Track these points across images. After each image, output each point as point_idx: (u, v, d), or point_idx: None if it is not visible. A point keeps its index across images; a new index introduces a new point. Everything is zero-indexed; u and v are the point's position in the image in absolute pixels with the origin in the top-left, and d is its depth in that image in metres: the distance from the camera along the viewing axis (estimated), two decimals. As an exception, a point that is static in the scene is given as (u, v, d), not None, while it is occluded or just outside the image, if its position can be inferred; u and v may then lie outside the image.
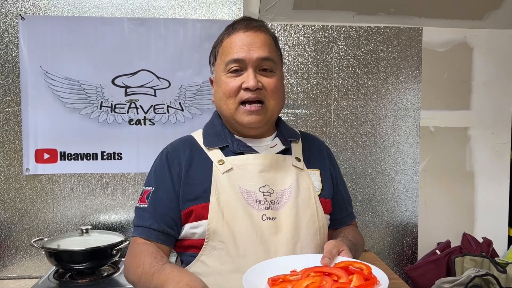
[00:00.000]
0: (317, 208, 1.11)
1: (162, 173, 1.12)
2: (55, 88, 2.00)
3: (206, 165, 1.11)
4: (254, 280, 0.91)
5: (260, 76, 1.08)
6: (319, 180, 1.16)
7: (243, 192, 1.07)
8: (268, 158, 1.11)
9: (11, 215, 2.02)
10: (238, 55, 1.07)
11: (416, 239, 2.22)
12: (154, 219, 1.08)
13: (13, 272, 2.02)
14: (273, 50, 1.12)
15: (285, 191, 1.10)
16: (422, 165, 2.24)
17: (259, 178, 1.08)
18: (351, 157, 2.19)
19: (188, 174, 1.10)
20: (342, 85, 2.18)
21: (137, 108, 2.05)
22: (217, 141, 1.15)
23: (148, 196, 1.11)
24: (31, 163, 2.00)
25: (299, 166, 1.14)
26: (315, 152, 1.22)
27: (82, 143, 2.03)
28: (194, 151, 1.15)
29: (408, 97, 2.20)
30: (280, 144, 1.16)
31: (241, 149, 1.12)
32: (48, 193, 2.03)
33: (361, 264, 0.93)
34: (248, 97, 1.07)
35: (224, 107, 1.11)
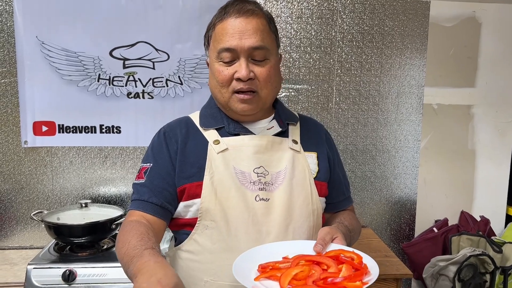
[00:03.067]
0: (312, 191, 1.11)
1: (160, 150, 1.12)
2: (52, 60, 1.97)
3: (201, 144, 1.10)
4: (244, 267, 0.91)
5: (252, 65, 1.06)
6: (316, 163, 1.15)
7: (238, 172, 1.07)
8: (264, 140, 1.10)
9: (11, 186, 2.02)
10: (230, 43, 1.03)
11: (414, 216, 2.24)
12: (152, 193, 1.08)
13: (14, 242, 2.05)
14: (267, 36, 1.08)
15: (280, 173, 1.09)
16: (424, 142, 2.22)
17: (254, 159, 1.08)
18: (352, 134, 2.17)
19: (184, 152, 1.10)
20: (345, 60, 2.13)
21: (135, 81, 2.01)
22: (213, 122, 1.14)
23: (146, 172, 1.11)
24: (29, 135, 1.99)
25: (295, 148, 1.13)
26: (313, 135, 1.20)
27: (80, 116, 2.01)
28: (190, 131, 1.14)
29: (412, 73, 2.15)
30: (277, 126, 1.15)
31: (237, 131, 1.11)
32: (47, 165, 2.03)
33: (352, 253, 0.93)
34: (240, 88, 1.05)
35: (218, 95, 1.10)
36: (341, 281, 0.82)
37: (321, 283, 0.83)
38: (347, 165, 2.18)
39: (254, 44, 1.04)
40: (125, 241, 0.97)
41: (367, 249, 1.90)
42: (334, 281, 0.83)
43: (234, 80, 1.05)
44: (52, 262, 1.67)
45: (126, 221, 1.06)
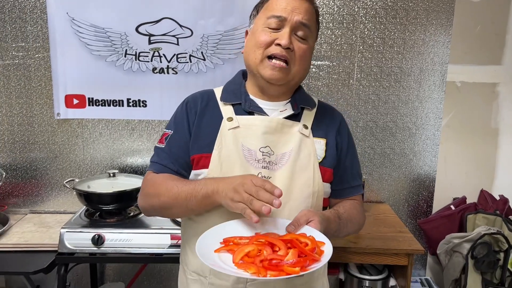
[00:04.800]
0: (315, 174, 1.15)
1: (181, 119, 1.20)
2: (82, 35, 2.05)
3: (216, 119, 1.17)
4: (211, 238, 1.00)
5: (293, 39, 1.11)
6: (323, 149, 1.19)
7: (245, 149, 1.13)
8: (274, 122, 1.16)
9: (46, 155, 2.16)
10: (281, 12, 1.10)
11: (432, 193, 2.25)
12: (170, 159, 1.17)
13: (49, 207, 2.21)
14: (313, 21, 1.16)
15: (285, 154, 1.15)
16: (445, 120, 2.21)
17: (262, 139, 1.14)
18: (373, 111, 2.18)
19: (200, 124, 1.18)
20: (367, 36, 2.12)
21: (160, 57, 2.08)
22: (233, 98, 1.20)
23: (167, 138, 1.20)
24: (61, 108, 2.11)
25: (304, 133, 1.18)
26: (327, 123, 1.24)
27: (108, 89, 2.11)
28: (210, 104, 1.21)
29: (436, 50, 2.12)
30: (290, 109, 1.19)
31: (251, 108, 1.17)
32: (78, 136, 2.15)
33: (308, 239, 0.97)
34: (277, 53, 1.10)
35: (251, 56, 1.14)
36: (283, 264, 0.89)
37: (266, 263, 0.90)
38: (367, 142, 2.20)
39: (302, 19, 1.11)
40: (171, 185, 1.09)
41: (383, 224, 1.95)
42: (278, 263, 0.89)
43: (274, 45, 1.11)
44: (82, 227, 1.80)
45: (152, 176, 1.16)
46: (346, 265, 1.92)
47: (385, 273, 1.88)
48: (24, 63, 2.07)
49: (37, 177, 2.18)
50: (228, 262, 0.93)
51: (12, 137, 2.13)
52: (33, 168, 2.17)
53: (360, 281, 1.85)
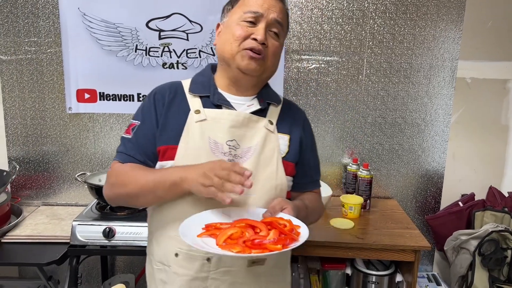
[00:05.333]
0: (278, 168, 1.20)
1: (149, 110, 1.22)
2: (93, 30, 2.07)
3: (183, 111, 1.20)
4: (191, 225, 1.03)
5: (268, 35, 1.16)
6: (287, 145, 1.24)
7: (211, 142, 1.16)
8: (241, 116, 1.19)
9: (58, 149, 2.20)
10: (258, 8, 1.15)
11: (440, 189, 2.25)
12: (136, 150, 1.19)
13: (61, 199, 2.25)
14: (285, 21, 1.21)
15: (250, 148, 1.18)
16: (455, 117, 2.20)
17: (229, 133, 1.17)
18: (381, 107, 2.18)
19: (167, 116, 1.20)
20: (377, 32, 2.11)
21: (170, 52, 2.10)
22: (201, 90, 1.23)
23: (134, 129, 1.22)
24: (73, 102, 2.14)
25: (269, 128, 1.22)
26: (291, 120, 1.28)
27: (119, 84, 2.13)
28: (177, 96, 1.23)
29: (446, 46, 2.11)
30: (257, 104, 1.23)
31: (219, 102, 1.20)
32: (89, 130, 2.19)
33: (287, 221, 1.03)
34: (253, 46, 1.14)
35: (227, 48, 1.17)
36: (265, 243, 0.95)
37: (249, 243, 0.96)
38: (375, 138, 2.20)
39: (277, 17, 1.16)
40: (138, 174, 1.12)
41: (390, 220, 1.96)
42: (260, 242, 0.96)
43: (249, 39, 1.14)
44: (94, 220, 1.84)
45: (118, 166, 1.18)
46: (353, 260, 1.93)
47: (392, 268, 1.89)
48: (36, 58, 2.11)
49: (49, 170, 2.22)
50: (212, 245, 0.98)
51: (25, 130, 2.17)
52: (45, 161, 2.21)
53: (367, 276, 1.86)
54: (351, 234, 1.79)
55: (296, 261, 1.94)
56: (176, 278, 1.16)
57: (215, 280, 1.15)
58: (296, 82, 2.16)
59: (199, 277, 1.14)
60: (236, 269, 1.15)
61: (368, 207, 2.07)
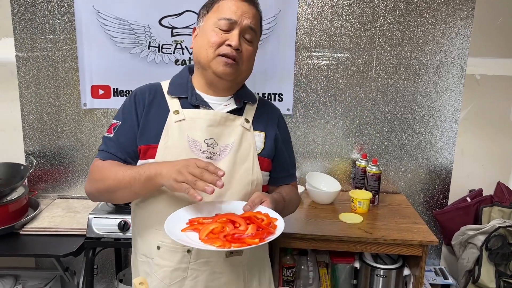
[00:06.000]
0: (254, 164, 1.26)
1: (129, 110, 1.27)
2: (107, 28, 2.12)
3: (163, 111, 1.25)
4: (176, 220, 1.08)
5: (242, 41, 1.22)
6: (262, 142, 1.30)
7: (190, 141, 1.22)
8: (218, 115, 1.24)
9: (73, 143, 2.26)
10: (232, 16, 1.19)
11: (448, 185, 2.28)
12: (117, 148, 1.24)
13: (76, 193, 2.31)
14: (258, 25, 1.26)
15: (228, 145, 1.24)
16: (463, 113, 2.22)
17: (207, 131, 1.23)
18: (391, 103, 2.20)
19: (147, 116, 1.25)
20: (387, 29, 2.13)
21: (182, 49, 2.14)
22: (179, 91, 1.28)
23: (115, 128, 1.26)
24: (87, 98, 2.19)
25: (246, 126, 1.28)
26: (266, 117, 1.34)
27: (132, 81, 2.18)
28: (157, 97, 1.28)
29: (456, 43, 2.13)
30: (233, 104, 1.28)
31: (197, 102, 1.25)
32: (104, 125, 2.24)
33: (265, 215, 1.10)
34: (227, 53, 1.19)
35: (203, 54, 1.22)
36: (244, 237, 1.01)
37: (229, 237, 1.02)
38: (384, 133, 2.23)
39: (250, 23, 1.21)
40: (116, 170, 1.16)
41: (398, 215, 1.99)
42: (240, 237, 1.02)
43: (224, 45, 1.19)
44: (109, 213, 1.89)
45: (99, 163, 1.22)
46: (361, 254, 1.97)
47: (400, 262, 1.92)
48: (52, 55, 2.15)
49: (64, 164, 2.28)
50: (195, 239, 1.04)
51: (41, 126, 2.23)
52: (61, 156, 2.27)
53: (375, 269, 1.90)
54: (359, 229, 1.83)
55: (305, 254, 1.99)
56: (158, 270, 1.22)
57: (195, 270, 1.21)
58: (306, 78, 2.19)
59: (180, 268, 1.21)
60: (215, 260, 1.21)
61: (376, 202, 2.11)
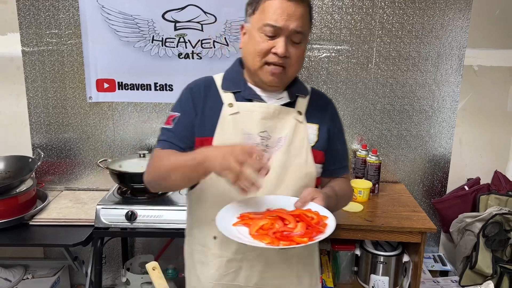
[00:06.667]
0: (307, 157, 1.27)
1: (187, 103, 1.28)
2: (111, 22, 2.15)
3: (218, 105, 1.26)
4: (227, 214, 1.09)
5: (289, 45, 1.18)
6: (316, 134, 1.30)
7: (245, 133, 1.23)
8: (271, 108, 1.25)
9: (79, 136, 2.30)
10: (277, 23, 1.15)
11: (447, 174, 2.33)
12: (178, 139, 1.25)
13: (83, 184, 2.36)
14: (307, 23, 1.21)
15: (281, 138, 1.25)
16: (462, 104, 2.26)
17: (260, 124, 1.24)
18: (390, 94, 2.24)
19: (204, 109, 1.27)
20: (386, 21, 2.17)
21: (185, 43, 2.17)
22: (232, 86, 1.29)
23: (174, 120, 1.28)
24: (93, 91, 2.23)
25: (299, 119, 1.28)
26: (319, 109, 1.34)
27: (137, 74, 2.22)
28: (211, 91, 1.29)
29: (454, 34, 2.16)
30: (286, 97, 1.29)
31: (250, 96, 1.27)
32: (109, 118, 2.28)
33: (314, 213, 1.09)
34: (274, 61, 1.18)
35: (250, 62, 1.23)
36: (293, 235, 1.01)
37: (279, 235, 1.02)
38: (384, 124, 2.28)
39: (297, 28, 1.16)
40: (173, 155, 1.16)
41: (398, 203, 2.05)
42: (288, 235, 1.02)
43: (271, 53, 1.18)
44: (116, 204, 1.94)
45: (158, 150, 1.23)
46: (362, 241, 2.03)
47: (399, 249, 1.98)
48: (57, 49, 2.19)
49: (71, 156, 2.33)
50: (245, 233, 1.05)
51: (47, 119, 2.27)
52: (67, 148, 2.32)
53: (375, 256, 1.96)
54: (360, 217, 1.88)
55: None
56: (214, 259, 1.24)
57: (250, 261, 1.23)
58: (307, 70, 2.23)
59: (235, 259, 1.23)
60: (270, 252, 1.22)
61: (376, 191, 2.16)
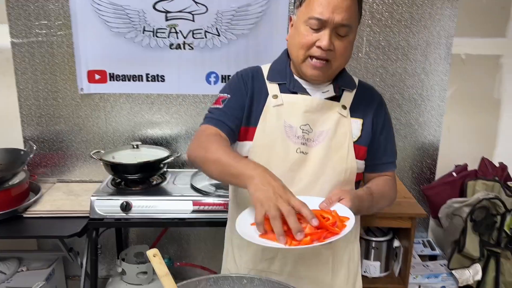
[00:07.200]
0: (349, 152, 1.25)
1: (238, 86, 1.29)
2: (101, 13, 2.14)
3: (263, 95, 1.27)
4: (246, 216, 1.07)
5: (334, 38, 1.15)
6: (359, 129, 1.27)
7: (286, 126, 1.24)
8: (315, 101, 1.24)
9: (71, 128, 2.30)
10: (322, 15, 1.12)
11: (435, 161, 2.38)
12: (227, 118, 1.25)
13: (76, 176, 2.36)
14: (354, 15, 1.16)
15: (323, 132, 1.24)
16: (450, 92, 2.30)
17: (303, 117, 1.24)
18: (380, 83, 2.27)
19: (251, 98, 1.28)
20: (376, 10, 2.19)
21: (177, 33, 2.17)
22: (278, 77, 1.29)
23: (224, 101, 1.27)
24: (84, 83, 2.22)
25: (342, 113, 1.26)
26: (365, 103, 1.31)
27: (128, 65, 2.21)
28: (258, 80, 1.30)
29: (442, 23, 2.20)
30: (332, 91, 1.26)
31: (295, 89, 1.26)
32: (101, 110, 2.28)
33: (330, 214, 1.05)
34: (318, 55, 1.16)
35: (294, 54, 1.22)
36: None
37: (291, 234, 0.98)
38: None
39: (343, 21, 1.12)
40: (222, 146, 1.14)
41: (388, 190, 2.09)
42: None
43: (315, 46, 1.15)
44: (111, 195, 1.95)
45: (207, 133, 1.22)
46: (354, 228, 2.07)
47: (390, 235, 2.03)
48: (47, 41, 2.17)
49: (63, 148, 2.32)
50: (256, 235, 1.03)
51: (38, 111, 2.26)
52: (59, 140, 2.31)
53: (367, 242, 2.00)
54: (352, 204, 1.92)
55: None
56: (252, 245, 1.23)
57: (284, 251, 1.24)
58: (299, 60, 2.24)
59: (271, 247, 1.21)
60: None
61: (367, 178, 2.20)
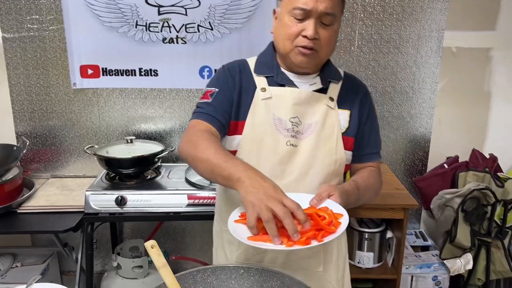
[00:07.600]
0: (337, 143, 1.27)
1: (226, 80, 1.28)
2: (93, 8, 2.13)
3: (251, 88, 1.27)
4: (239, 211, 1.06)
5: (319, 27, 1.17)
6: (347, 120, 1.29)
7: (276, 119, 1.24)
8: (303, 94, 1.25)
9: (64, 123, 2.29)
10: (306, 5, 1.13)
11: (427, 153, 2.41)
12: (216, 112, 1.24)
13: (69, 171, 2.36)
14: (338, 4, 1.18)
15: (311, 124, 1.25)
16: (441, 85, 2.33)
17: (292, 110, 1.24)
18: (373, 76, 2.29)
19: (238, 92, 1.27)
20: (368, 4, 2.20)
21: (169, 27, 2.17)
22: (265, 70, 1.29)
23: (212, 95, 1.26)
24: (77, 78, 2.22)
25: (330, 105, 1.27)
26: (352, 95, 1.32)
27: (121, 60, 2.21)
28: (246, 74, 1.30)
29: (434, 17, 2.22)
30: (319, 83, 1.28)
31: (283, 82, 1.27)
32: (94, 105, 2.27)
33: (327, 213, 1.03)
34: (304, 45, 1.17)
35: (280, 45, 1.23)
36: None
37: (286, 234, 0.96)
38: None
39: (326, 9, 1.14)
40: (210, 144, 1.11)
41: (381, 182, 2.11)
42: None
43: (300, 36, 1.17)
44: (105, 189, 1.96)
45: (197, 128, 1.20)
46: (347, 220, 2.09)
47: (383, 226, 2.06)
48: (39, 35, 2.16)
49: (56, 144, 2.32)
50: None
51: (31, 106, 2.25)
52: (52, 136, 2.30)
53: (360, 233, 2.03)
54: (345, 196, 1.94)
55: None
56: None
57: None
58: (291, 54, 2.25)
59: None
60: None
61: (360, 171, 2.22)
